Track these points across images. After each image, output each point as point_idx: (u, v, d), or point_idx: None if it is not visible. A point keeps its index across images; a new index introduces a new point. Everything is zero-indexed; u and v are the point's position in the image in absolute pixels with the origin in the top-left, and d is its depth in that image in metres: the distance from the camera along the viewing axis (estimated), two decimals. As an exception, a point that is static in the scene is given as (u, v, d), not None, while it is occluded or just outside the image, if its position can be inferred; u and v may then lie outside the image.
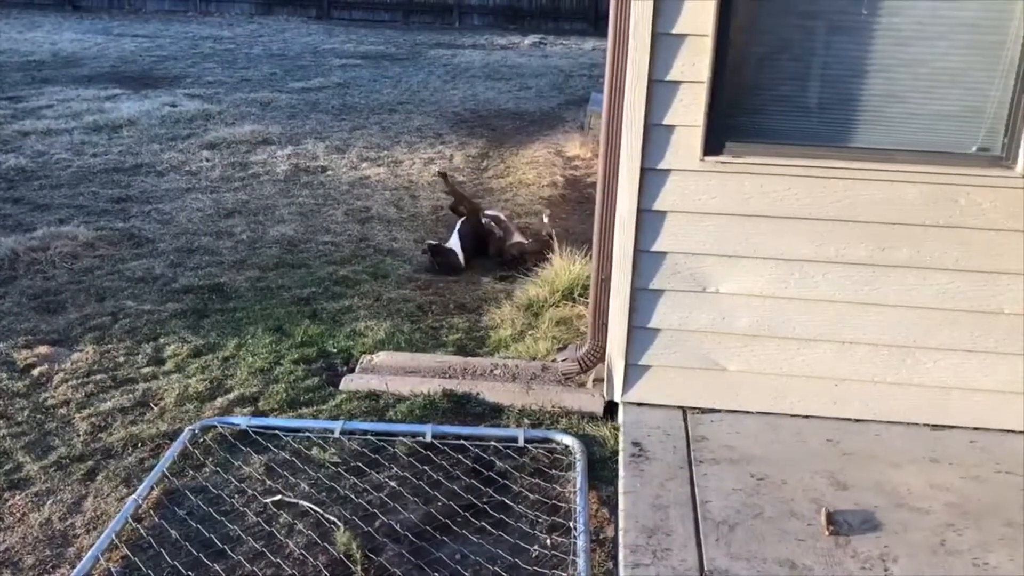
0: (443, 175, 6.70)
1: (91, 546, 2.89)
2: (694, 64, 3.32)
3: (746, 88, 3.43)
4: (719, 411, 3.71)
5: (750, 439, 3.53)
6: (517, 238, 5.87)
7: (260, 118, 9.89)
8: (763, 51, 3.42)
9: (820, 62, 3.43)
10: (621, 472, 3.31)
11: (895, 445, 3.51)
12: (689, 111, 3.37)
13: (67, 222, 6.25)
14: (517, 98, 12.01)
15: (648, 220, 3.53)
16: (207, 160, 8.13)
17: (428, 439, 3.56)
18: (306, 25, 19.56)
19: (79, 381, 4.05)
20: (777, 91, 3.46)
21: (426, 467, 3.39)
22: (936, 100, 3.36)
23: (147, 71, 12.79)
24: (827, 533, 2.94)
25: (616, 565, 2.86)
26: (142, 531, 3.00)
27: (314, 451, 3.47)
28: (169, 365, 4.23)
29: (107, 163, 7.90)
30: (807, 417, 3.68)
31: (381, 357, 4.31)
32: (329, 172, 7.89)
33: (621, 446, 3.48)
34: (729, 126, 3.41)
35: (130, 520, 3.03)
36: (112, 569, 2.81)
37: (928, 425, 3.63)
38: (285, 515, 3.10)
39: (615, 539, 3.00)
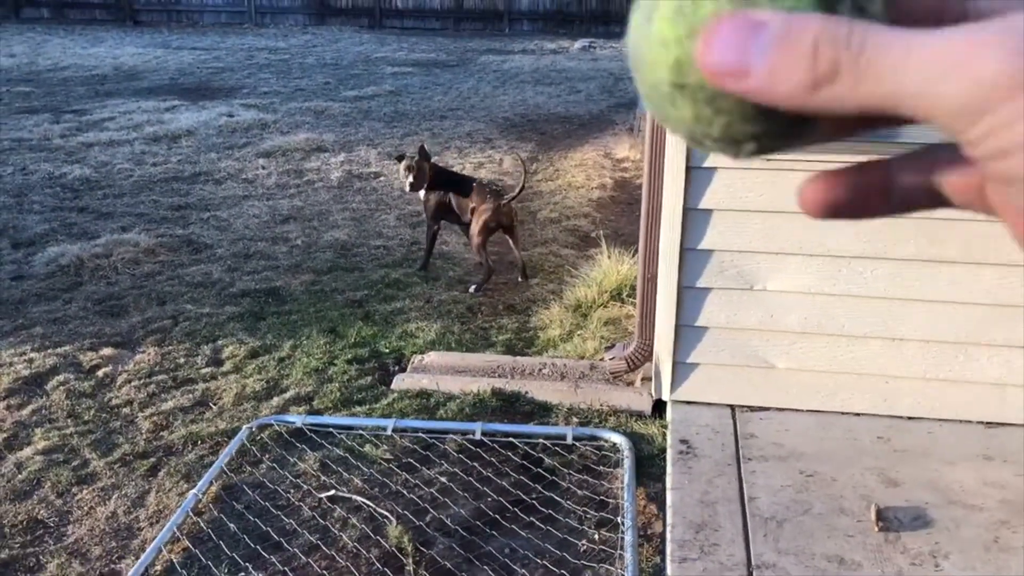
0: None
1: (154, 538, 3.00)
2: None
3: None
4: (768, 409, 3.71)
5: (799, 436, 3.53)
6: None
7: (314, 126, 10.08)
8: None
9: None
10: (669, 469, 3.33)
11: (948, 442, 3.48)
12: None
13: (129, 229, 6.44)
14: (566, 102, 12.05)
15: (694, 218, 3.55)
16: (263, 168, 8.32)
17: (478, 437, 3.62)
18: (359, 35, 19.84)
19: (141, 382, 4.19)
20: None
21: (476, 464, 3.45)
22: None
23: (204, 82, 13.10)
24: (877, 529, 2.93)
25: (663, 560, 2.88)
26: (202, 524, 3.10)
27: (367, 448, 3.55)
28: (227, 366, 4.36)
29: (167, 172, 8.13)
30: (858, 415, 3.66)
31: (432, 357, 4.38)
32: (382, 178, 8.01)
33: (669, 443, 3.51)
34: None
35: (191, 514, 3.14)
36: (174, 560, 2.92)
37: (982, 422, 3.59)
38: (339, 509, 3.19)
39: (663, 534, 3.02)
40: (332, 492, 3.28)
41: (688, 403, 3.76)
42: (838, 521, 2.99)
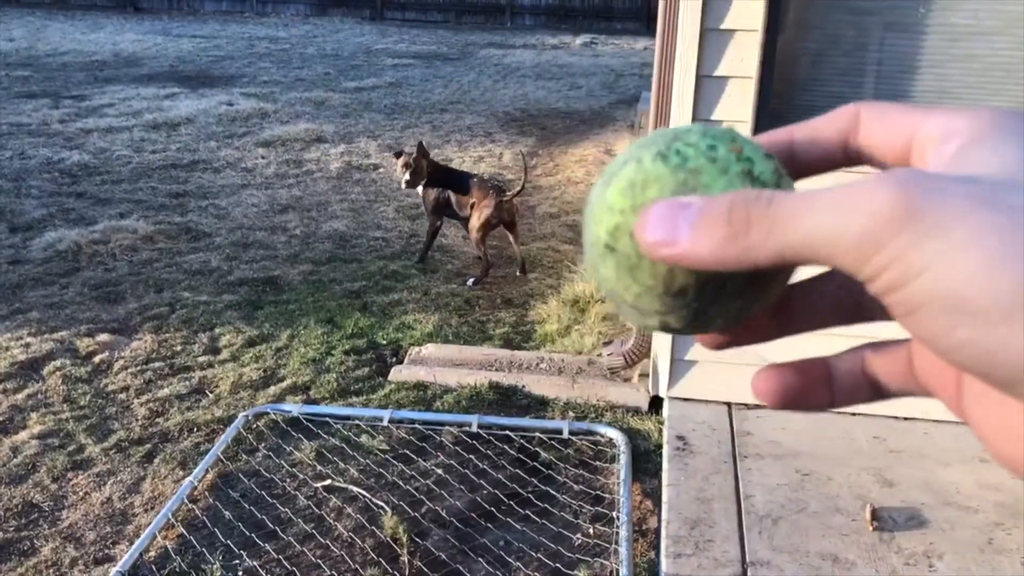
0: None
1: (149, 524, 3.00)
2: (743, 59, 3.33)
3: (796, 84, 3.43)
4: (765, 407, 3.70)
5: (796, 435, 3.53)
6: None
7: (314, 117, 10.05)
8: (813, 47, 3.42)
9: (871, 58, 3.42)
10: (665, 465, 3.33)
11: (944, 444, 3.48)
12: (737, 107, 3.39)
13: (127, 216, 6.43)
14: (567, 97, 12.04)
15: (695, 215, 3.54)
16: (262, 157, 8.30)
17: (474, 429, 3.62)
18: (360, 26, 19.79)
19: (138, 368, 4.19)
20: (827, 87, 3.46)
21: (472, 456, 3.45)
22: (990, 96, 3.33)
23: (204, 70, 13.06)
24: (871, 529, 2.93)
25: (658, 555, 2.89)
26: (197, 511, 3.10)
27: (363, 438, 3.55)
28: (224, 354, 4.35)
29: (166, 159, 8.11)
30: (854, 415, 3.66)
31: (429, 349, 4.38)
32: (381, 170, 8.00)
33: (665, 440, 3.51)
34: (778, 123, 3.40)
35: (186, 501, 3.14)
36: (168, 546, 2.91)
37: (978, 424, 3.59)
38: (334, 499, 3.19)
39: (658, 530, 3.02)
40: (328, 482, 3.27)
41: (685, 400, 3.76)
42: (833, 520, 3.00)
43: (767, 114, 3.38)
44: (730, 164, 0.37)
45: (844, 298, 0.42)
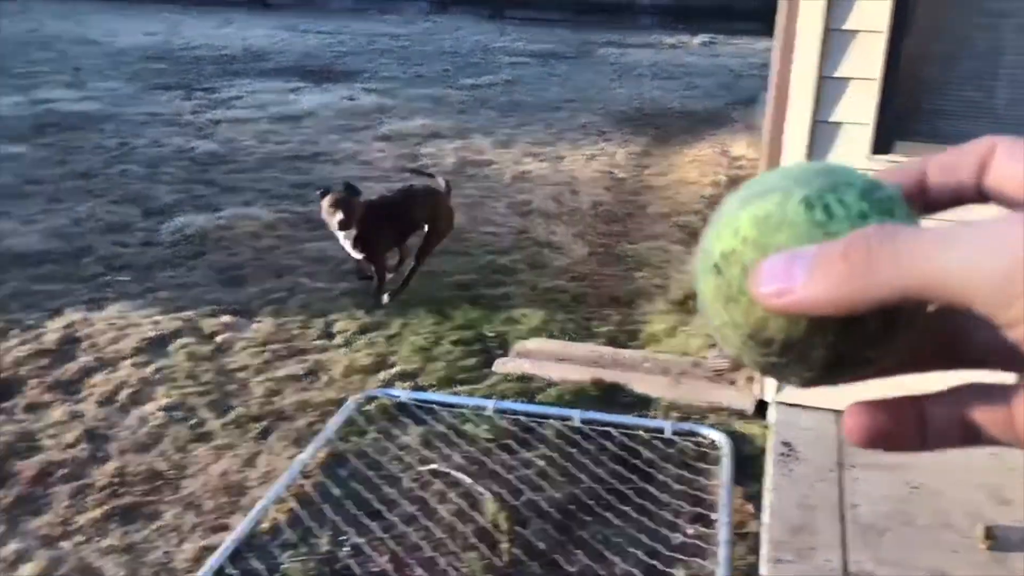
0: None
1: (263, 497, 3.15)
2: (866, 61, 3.26)
3: (921, 87, 3.34)
4: (875, 417, 3.62)
5: (907, 447, 3.43)
6: None
7: (431, 113, 10.24)
8: (941, 49, 3.32)
9: (1005, 61, 3.30)
10: (769, 470, 3.29)
11: (1066, 465, 3.33)
12: (859, 109, 3.32)
13: (251, 204, 6.70)
14: (684, 97, 11.92)
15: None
16: (380, 151, 8.51)
17: (576, 424, 3.65)
18: (479, 24, 20.02)
19: (257, 349, 4.38)
20: (955, 91, 3.35)
21: (573, 450, 3.49)
22: None
23: (328, 66, 13.45)
24: (984, 547, 2.84)
25: (758, 559, 2.86)
26: (308, 488, 3.24)
27: (468, 426, 3.63)
28: (338, 339, 4.51)
29: (289, 151, 8.40)
30: (970, 429, 3.54)
31: (534, 343, 4.44)
32: (494, 166, 8.10)
33: (770, 445, 3.46)
34: (901, 125, 3.33)
35: (298, 477, 3.27)
36: (280, 519, 3.05)
37: (1105, 447, 3.42)
38: (438, 483, 3.27)
39: (758, 534, 3.00)
40: (433, 466, 3.36)
41: (791, 405, 3.71)
42: (942, 535, 2.91)
43: (890, 117, 3.30)
44: None
45: (952, 340, 0.40)
